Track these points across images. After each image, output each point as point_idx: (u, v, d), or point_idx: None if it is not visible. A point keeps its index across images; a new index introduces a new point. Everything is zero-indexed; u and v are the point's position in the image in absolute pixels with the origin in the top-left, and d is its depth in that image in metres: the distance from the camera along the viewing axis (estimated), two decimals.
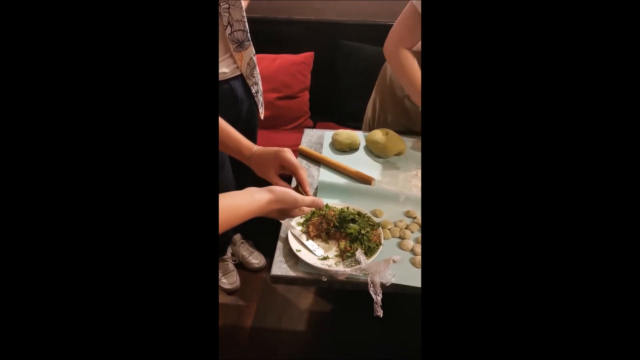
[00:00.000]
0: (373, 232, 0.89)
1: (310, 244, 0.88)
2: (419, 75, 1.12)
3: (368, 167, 1.14)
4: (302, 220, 0.94)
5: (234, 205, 0.66)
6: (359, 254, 0.84)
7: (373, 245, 0.86)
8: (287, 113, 1.98)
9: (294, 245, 0.87)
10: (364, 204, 0.99)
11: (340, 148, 1.20)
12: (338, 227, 0.90)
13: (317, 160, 1.16)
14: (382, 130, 1.20)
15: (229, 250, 1.77)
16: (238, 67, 1.31)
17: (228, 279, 1.70)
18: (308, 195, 0.80)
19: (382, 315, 0.78)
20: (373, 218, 0.93)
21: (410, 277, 0.82)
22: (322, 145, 1.23)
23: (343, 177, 1.10)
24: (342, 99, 2.03)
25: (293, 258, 0.86)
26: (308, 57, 1.98)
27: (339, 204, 0.97)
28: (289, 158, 0.81)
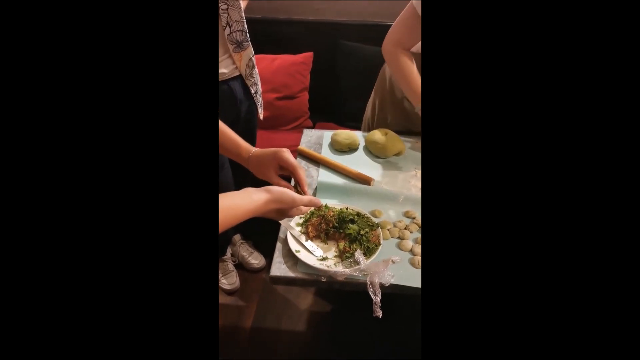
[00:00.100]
0: (372, 232, 0.89)
1: (310, 245, 0.88)
2: (416, 77, 1.12)
3: (367, 167, 1.14)
4: (301, 221, 0.94)
5: (232, 206, 0.66)
6: (358, 255, 0.84)
7: (372, 246, 0.86)
8: (286, 113, 1.98)
9: (293, 246, 0.87)
10: (363, 205, 0.99)
11: (340, 148, 1.20)
12: (337, 227, 0.90)
13: (316, 161, 1.16)
14: (381, 131, 1.20)
15: (229, 251, 1.77)
16: (237, 67, 1.31)
17: (228, 280, 1.70)
18: (306, 195, 0.80)
19: (381, 316, 0.78)
20: (372, 218, 0.93)
21: (410, 277, 0.82)
22: (321, 146, 1.23)
23: (342, 177, 1.10)
24: (341, 99, 2.03)
25: (292, 259, 0.86)
26: (307, 57, 1.97)
27: (338, 205, 0.97)
28: (288, 158, 0.82)
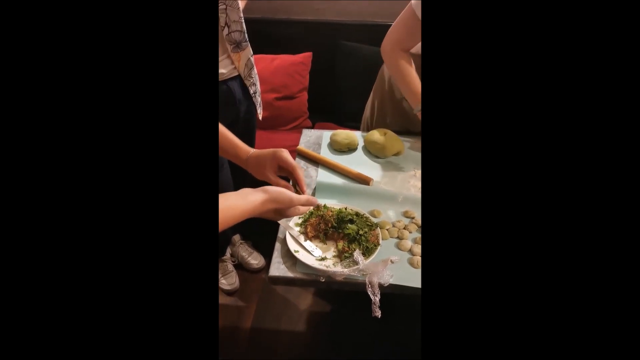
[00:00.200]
0: (371, 232, 0.89)
1: (308, 245, 0.88)
2: (415, 79, 1.12)
3: (366, 167, 1.14)
4: (300, 221, 0.94)
5: (229, 206, 0.66)
6: (357, 255, 0.84)
7: (371, 246, 0.86)
8: (285, 113, 1.98)
9: (292, 246, 0.87)
10: (362, 204, 0.99)
11: (339, 148, 1.20)
12: (336, 227, 0.89)
13: (315, 161, 1.16)
14: (380, 131, 1.20)
15: (228, 251, 1.76)
16: (236, 67, 1.31)
17: (227, 280, 1.69)
18: (306, 196, 0.80)
19: (380, 316, 0.78)
20: (371, 218, 0.93)
21: (409, 277, 0.82)
22: (320, 146, 1.23)
23: (341, 177, 1.10)
24: (340, 99, 2.03)
25: (291, 259, 0.86)
26: (306, 57, 1.97)
27: (337, 205, 0.97)
28: (287, 158, 0.82)
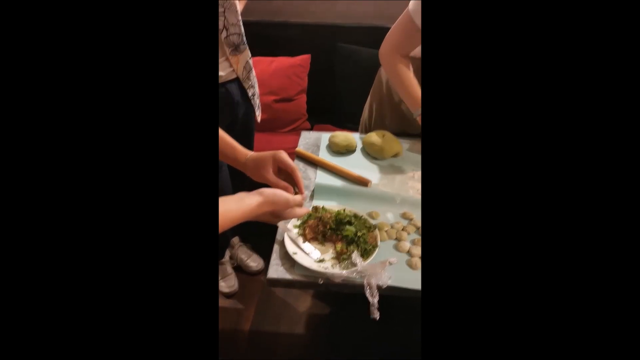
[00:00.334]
0: (369, 234, 0.89)
1: (307, 247, 0.88)
2: (414, 83, 1.12)
3: (365, 169, 1.14)
4: (298, 223, 0.94)
5: (225, 210, 0.66)
6: (355, 256, 0.84)
7: (369, 247, 0.86)
8: (284, 116, 1.98)
9: (290, 248, 0.87)
10: (361, 206, 0.99)
11: (337, 150, 1.21)
12: (334, 229, 0.89)
13: (314, 163, 1.16)
14: (378, 132, 1.20)
15: (227, 253, 1.76)
16: (234, 70, 1.31)
17: (226, 282, 1.69)
18: (303, 196, 0.80)
19: (378, 318, 0.78)
20: (369, 220, 0.93)
21: (407, 279, 0.82)
22: (319, 148, 1.23)
23: (340, 179, 1.10)
24: (339, 101, 2.03)
25: (289, 261, 0.86)
26: (305, 59, 1.98)
27: (336, 206, 0.97)
28: (286, 159, 0.83)
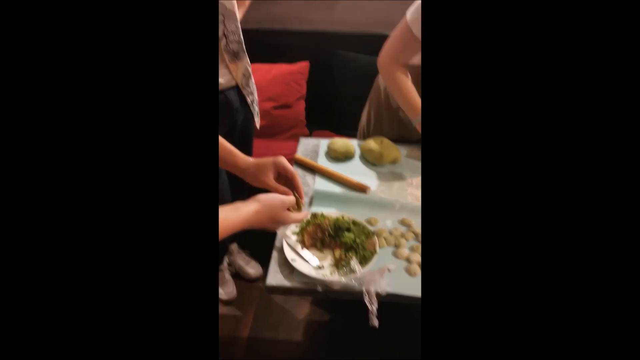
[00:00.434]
0: (368, 240, 0.89)
1: (306, 254, 0.88)
2: (413, 92, 1.13)
3: (363, 175, 1.14)
4: (297, 230, 0.94)
5: (222, 218, 0.66)
6: (354, 263, 0.84)
7: (368, 254, 0.86)
8: (282, 122, 1.99)
9: (289, 255, 0.87)
10: (359, 213, 0.99)
11: (336, 156, 1.21)
12: (333, 236, 0.90)
13: (312, 169, 1.17)
14: (376, 139, 1.20)
15: (226, 260, 1.76)
16: (233, 77, 1.32)
17: (225, 289, 1.68)
18: (302, 201, 0.81)
19: (377, 325, 0.77)
20: (368, 227, 0.93)
21: (406, 285, 0.82)
22: (317, 154, 1.23)
23: (338, 185, 1.10)
24: (337, 108, 2.04)
25: (288, 268, 0.86)
26: (303, 66, 1.99)
27: (334, 213, 0.97)
28: (287, 165, 0.84)
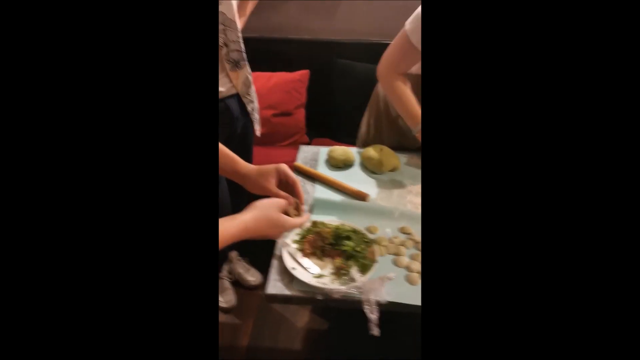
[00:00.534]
0: (368, 249, 0.89)
1: (306, 262, 0.88)
2: (413, 101, 1.13)
3: (363, 183, 1.14)
4: (297, 238, 0.94)
5: (220, 228, 0.66)
6: (354, 272, 0.84)
7: (368, 262, 0.86)
8: (282, 130, 1.99)
9: (289, 263, 0.87)
10: (359, 221, 0.99)
11: (336, 164, 1.21)
12: (333, 244, 0.89)
13: (312, 177, 1.17)
14: (376, 147, 1.20)
15: (225, 268, 1.75)
16: (234, 86, 1.33)
17: (224, 297, 1.68)
18: (302, 208, 0.83)
19: (378, 334, 0.77)
20: (368, 235, 0.93)
21: (406, 294, 0.82)
22: (317, 162, 1.24)
23: (338, 193, 1.11)
24: (337, 115, 2.05)
25: (288, 276, 0.86)
26: (303, 75, 2.00)
27: (334, 221, 0.97)
28: (289, 172, 0.84)
